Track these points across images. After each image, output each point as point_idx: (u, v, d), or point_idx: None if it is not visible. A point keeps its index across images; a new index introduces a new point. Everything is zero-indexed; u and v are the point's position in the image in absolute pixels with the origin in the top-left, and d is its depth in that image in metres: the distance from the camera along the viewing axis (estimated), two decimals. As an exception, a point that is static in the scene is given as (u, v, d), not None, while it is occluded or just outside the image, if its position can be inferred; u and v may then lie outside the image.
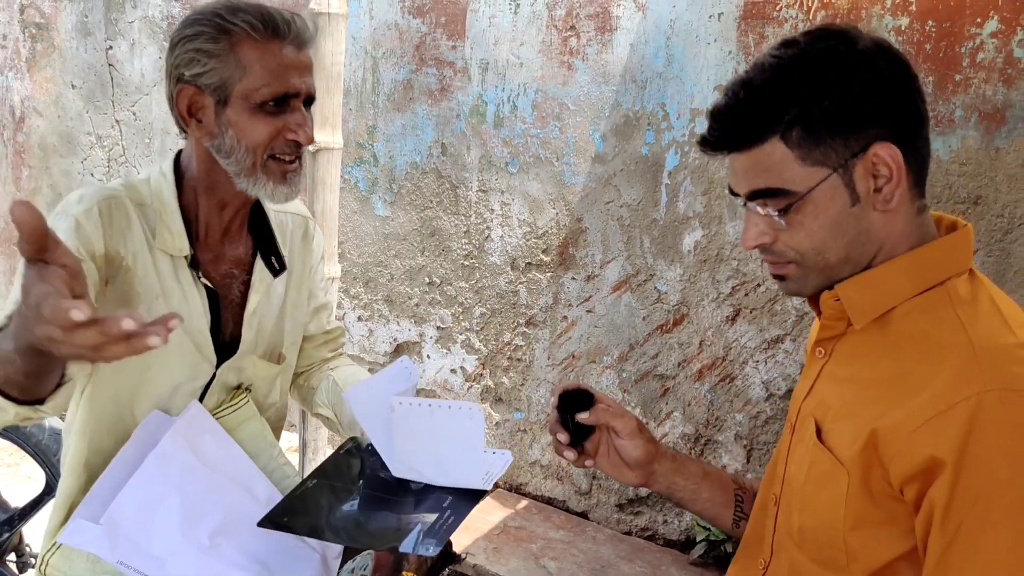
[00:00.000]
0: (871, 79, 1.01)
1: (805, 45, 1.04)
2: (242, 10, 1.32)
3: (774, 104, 1.03)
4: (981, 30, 2.26)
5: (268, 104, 1.32)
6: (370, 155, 3.20)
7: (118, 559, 1.26)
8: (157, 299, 1.39)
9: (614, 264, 2.85)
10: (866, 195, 1.04)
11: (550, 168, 2.89)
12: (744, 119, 1.05)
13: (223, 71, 1.30)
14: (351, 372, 1.68)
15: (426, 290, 3.20)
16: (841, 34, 1.04)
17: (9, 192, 4.15)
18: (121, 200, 1.36)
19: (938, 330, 1.01)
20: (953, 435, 0.93)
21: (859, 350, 1.09)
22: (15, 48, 3.96)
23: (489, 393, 3.17)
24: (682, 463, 1.36)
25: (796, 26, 2.45)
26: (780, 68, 1.04)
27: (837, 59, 1.02)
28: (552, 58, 2.82)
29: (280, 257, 1.54)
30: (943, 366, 0.98)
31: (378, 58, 3.10)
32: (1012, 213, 2.31)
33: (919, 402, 0.97)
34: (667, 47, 2.65)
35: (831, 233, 1.06)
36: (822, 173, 1.03)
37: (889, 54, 1.04)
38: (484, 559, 2.74)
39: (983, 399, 0.93)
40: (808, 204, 1.05)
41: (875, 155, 1.02)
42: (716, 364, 2.76)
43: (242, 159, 1.34)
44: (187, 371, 1.45)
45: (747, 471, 2.78)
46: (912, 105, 1.04)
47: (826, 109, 1.01)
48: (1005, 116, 2.28)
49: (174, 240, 1.39)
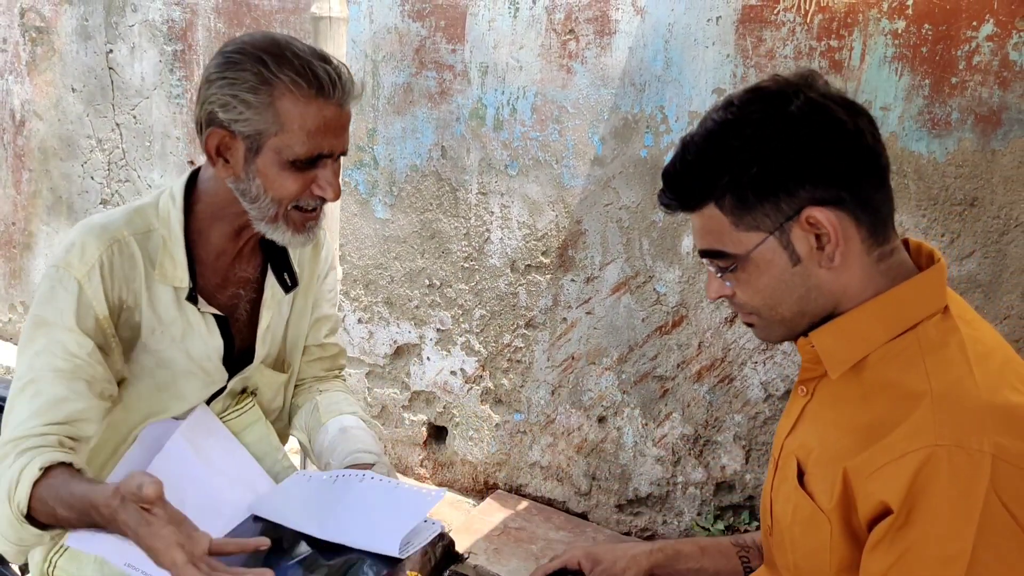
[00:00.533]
0: (801, 143, 1.01)
1: (738, 109, 1.05)
2: (288, 61, 1.26)
3: (707, 172, 1.05)
4: (977, 33, 2.28)
5: (300, 161, 1.29)
6: (370, 158, 3.22)
7: (126, 562, 1.26)
8: (154, 332, 1.39)
9: (613, 266, 2.87)
10: (808, 254, 1.05)
11: (549, 171, 2.91)
12: (684, 184, 1.08)
13: (259, 123, 1.26)
14: (337, 400, 1.64)
15: (426, 292, 3.21)
16: (774, 97, 1.04)
17: (9, 195, 4.15)
18: (124, 242, 1.34)
19: (906, 379, 1.02)
20: (901, 484, 0.95)
21: (838, 394, 1.10)
22: (15, 51, 3.97)
23: (489, 395, 3.18)
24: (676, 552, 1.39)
25: (794, 30, 2.48)
26: (713, 135, 1.06)
27: (765, 125, 1.02)
28: (551, 61, 2.83)
29: (293, 273, 1.52)
30: (905, 415, 0.99)
31: (378, 61, 3.12)
32: (1008, 215, 2.33)
33: (877, 449, 0.99)
34: (666, 50, 2.67)
35: (778, 291, 1.08)
36: (758, 237, 1.05)
37: (825, 114, 1.03)
38: (484, 559, 2.75)
39: (932, 453, 0.94)
40: (749, 265, 1.07)
41: (808, 218, 1.02)
42: (715, 365, 2.78)
43: (265, 208, 1.32)
44: (197, 391, 1.46)
45: (745, 472, 2.80)
46: (854, 162, 1.03)
47: (754, 176, 1.02)
48: (1001, 118, 2.30)
49: (176, 271, 1.37)
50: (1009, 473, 0.92)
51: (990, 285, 2.38)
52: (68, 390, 1.27)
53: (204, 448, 1.45)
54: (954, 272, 2.42)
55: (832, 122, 1.02)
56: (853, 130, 1.03)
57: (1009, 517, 0.91)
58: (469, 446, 3.27)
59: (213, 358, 1.43)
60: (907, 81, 2.38)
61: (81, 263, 1.31)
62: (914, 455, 0.94)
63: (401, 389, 3.36)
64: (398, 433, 3.39)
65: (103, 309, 1.32)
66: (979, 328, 1.07)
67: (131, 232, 1.35)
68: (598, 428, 3.00)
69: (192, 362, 1.42)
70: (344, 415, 1.60)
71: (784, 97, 1.03)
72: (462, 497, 3.29)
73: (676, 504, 2.94)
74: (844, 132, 1.03)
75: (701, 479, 2.88)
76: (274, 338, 1.55)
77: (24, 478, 1.18)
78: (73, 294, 1.30)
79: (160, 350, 1.39)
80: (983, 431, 0.93)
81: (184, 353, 1.41)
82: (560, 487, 3.12)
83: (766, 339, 1.15)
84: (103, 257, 1.32)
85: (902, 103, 2.40)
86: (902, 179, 2.43)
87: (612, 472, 3.01)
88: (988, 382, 0.98)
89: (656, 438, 2.92)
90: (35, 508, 1.18)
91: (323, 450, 1.56)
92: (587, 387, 3.00)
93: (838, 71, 2.45)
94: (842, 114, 1.03)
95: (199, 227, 1.40)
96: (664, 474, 2.93)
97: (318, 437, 1.58)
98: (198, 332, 1.41)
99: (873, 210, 1.05)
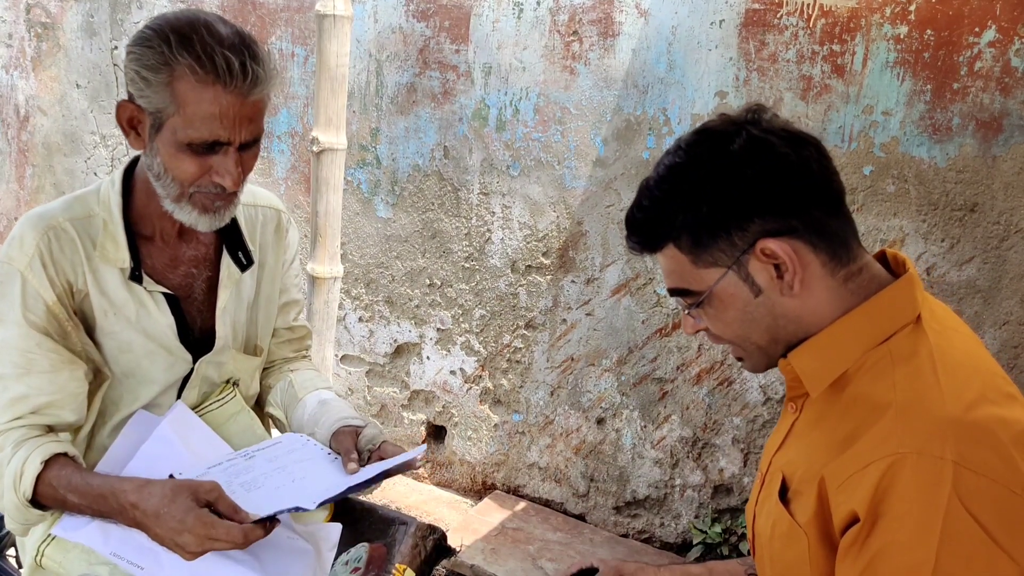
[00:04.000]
0: (745, 179, 1.04)
1: (685, 152, 1.09)
2: (192, 44, 1.24)
3: (663, 214, 1.09)
4: (979, 39, 2.29)
5: (195, 145, 1.28)
6: (373, 157, 3.22)
7: (111, 551, 1.28)
8: (107, 314, 1.41)
9: (614, 267, 2.88)
10: (769, 284, 1.07)
11: (551, 172, 2.91)
12: (644, 228, 1.12)
13: (158, 102, 1.27)
14: (310, 377, 1.68)
15: (426, 292, 3.22)
16: (718, 136, 1.07)
17: (12, 191, 4.16)
18: (61, 227, 1.37)
19: (875, 390, 1.03)
20: (866, 492, 0.96)
21: (822, 411, 1.11)
22: (20, 47, 3.98)
23: (488, 395, 3.18)
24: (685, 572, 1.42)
25: (796, 34, 2.48)
26: (664, 179, 1.09)
27: (709, 165, 1.06)
28: (555, 63, 2.84)
29: (247, 251, 1.54)
30: (871, 425, 1.00)
31: (382, 61, 3.13)
32: (1008, 220, 2.33)
33: (845, 459, 1.00)
34: (669, 53, 2.67)
35: (746, 323, 1.10)
36: (717, 272, 1.08)
37: (767, 148, 1.05)
38: (482, 560, 2.75)
39: (896, 461, 0.95)
40: (713, 300, 1.10)
41: (763, 250, 1.05)
42: (714, 368, 2.78)
43: (168, 186, 1.33)
44: (164, 373, 1.48)
45: (744, 475, 2.80)
46: (801, 191, 1.05)
47: (705, 215, 1.06)
48: (1002, 124, 2.30)
49: (117, 252, 1.39)
50: (973, 481, 0.92)
51: (990, 291, 2.39)
52: (27, 387, 1.34)
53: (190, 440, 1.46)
54: (953, 277, 2.42)
55: (774, 155, 1.05)
56: (797, 161, 1.05)
57: (975, 524, 0.91)
58: (468, 446, 3.27)
59: (169, 335, 1.45)
60: (909, 86, 2.39)
61: (21, 254, 1.34)
62: (878, 464, 0.96)
63: (401, 388, 3.36)
64: (397, 432, 3.40)
65: (50, 296, 1.35)
66: (951, 338, 1.07)
67: (68, 218, 1.38)
68: (597, 429, 3.00)
69: (151, 341, 1.44)
70: (320, 390, 1.64)
71: (727, 136, 1.07)
72: (460, 497, 3.29)
73: (674, 506, 2.94)
74: (787, 164, 1.05)
75: (699, 482, 2.88)
76: (236, 320, 1.56)
77: (28, 470, 1.30)
78: (18, 286, 1.33)
79: (117, 332, 1.42)
80: (945, 439, 0.94)
81: (141, 333, 1.43)
82: (558, 488, 3.12)
83: (754, 370, 1.18)
84: (40, 245, 1.34)
85: (903, 108, 2.41)
86: (903, 184, 2.44)
87: (610, 474, 3.01)
88: (954, 392, 0.98)
89: (655, 440, 2.92)
90: (41, 494, 1.30)
91: (303, 423, 1.59)
92: (586, 388, 3.00)
93: (840, 76, 2.46)
94: (784, 147, 1.06)
95: (140, 206, 1.43)
96: (662, 476, 2.93)
97: (296, 412, 1.61)
98: (150, 311, 1.43)
99: (830, 234, 1.07)
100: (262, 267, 1.59)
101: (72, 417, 1.38)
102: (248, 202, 1.57)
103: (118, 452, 1.43)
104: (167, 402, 1.50)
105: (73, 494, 1.29)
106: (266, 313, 1.63)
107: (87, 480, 1.30)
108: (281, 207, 1.64)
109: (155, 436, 1.43)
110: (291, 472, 1.42)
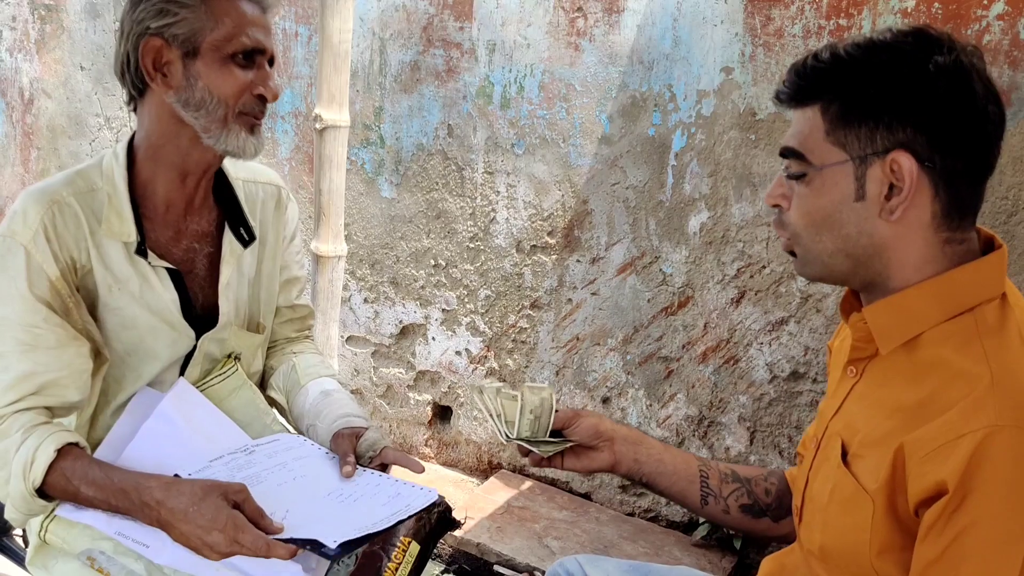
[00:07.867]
0: (926, 89, 1.01)
1: (894, 36, 1.06)
2: None
3: (830, 73, 1.06)
4: (987, 12, 2.26)
5: (239, 56, 1.34)
6: (376, 136, 3.21)
7: (115, 531, 1.28)
8: (111, 289, 1.41)
9: (619, 246, 2.86)
10: (874, 197, 1.04)
11: (556, 150, 2.90)
12: (809, 76, 1.08)
13: (194, 21, 1.32)
14: (314, 362, 1.67)
15: (431, 272, 3.21)
16: (929, 40, 1.04)
17: (17, 173, 4.17)
18: (64, 201, 1.37)
19: (961, 359, 1.01)
20: (958, 463, 0.94)
21: (888, 374, 1.09)
22: (24, 30, 3.97)
23: (493, 375, 3.18)
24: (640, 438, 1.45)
25: (803, 8, 2.46)
26: (861, 45, 1.06)
27: (905, 60, 1.03)
28: (559, 39, 2.82)
29: (248, 227, 1.54)
30: (961, 395, 0.98)
31: (385, 39, 3.11)
32: (1017, 196, 2.31)
33: (933, 428, 0.98)
34: (674, 28, 2.65)
35: (829, 219, 1.07)
36: (840, 156, 1.05)
37: (964, 78, 1.02)
38: (488, 538, 2.76)
39: (991, 433, 0.93)
40: (816, 179, 1.07)
41: (894, 160, 1.02)
42: (720, 346, 2.77)
43: (213, 110, 1.35)
44: (167, 349, 1.47)
45: (750, 453, 2.80)
46: (962, 134, 1.02)
47: (867, 97, 1.03)
48: (1011, 98, 2.28)
49: (122, 226, 1.39)
50: None
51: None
52: (33, 363, 1.33)
53: (192, 417, 1.46)
54: (962, 253, 2.40)
55: (968, 90, 1.02)
56: (981, 110, 1.02)
57: None
58: (473, 426, 3.27)
59: (172, 310, 1.45)
60: (917, 60, 2.36)
61: (25, 229, 1.33)
62: (973, 435, 0.94)
63: (406, 369, 3.36)
64: (403, 412, 3.40)
65: (54, 271, 1.34)
66: None
67: (71, 192, 1.38)
68: (602, 409, 3.00)
69: (154, 316, 1.43)
70: (323, 378, 1.63)
71: (938, 45, 1.03)
72: (466, 476, 3.30)
73: (679, 485, 2.94)
74: (972, 105, 1.02)
75: (705, 460, 2.88)
76: (239, 296, 1.55)
77: (39, 458, 1.27)
78: (22, 259, 1.32)
79: (121, 308, 1.41)
80: None
81: (145, 308, 1.42)
82: (564, 467, 3.12)
83: (802, 272, 1.15)
84: (44, 220, 1.34)
85: (912, 82, 2.38)
86: (910, 159, 2.41)
87: (616, 453, 3.01)
88: None
89: (660, 419, 2.92)
90: (51, 484, 1.28)
91: (304, 411, 1.58)
92: (591, 368, 2.99)
93: (847, 50, 2.43)
94: (982, 91, 1.02)
95: (144, 180, 1.43)
96: (668, 455, 2.93)
97: (297, 398, 1.61)
98: (154, 286, 1.43)
99: (956, 193, 1.04)
100: (263, 244, 1.59)
101: (76, 396, 1.37)
102: (248, 178, 1.57)
103: (122, 430, 1.43)
104: (170, 379, 1.49)
105: (89, 487, 1.27)
106: (268, 290, 1.62)
107: (107, 474, 1.28)
108: (280, 183, 1.64)
109: (156, 413, 1.43)
110: (292, 469, 1.42)
